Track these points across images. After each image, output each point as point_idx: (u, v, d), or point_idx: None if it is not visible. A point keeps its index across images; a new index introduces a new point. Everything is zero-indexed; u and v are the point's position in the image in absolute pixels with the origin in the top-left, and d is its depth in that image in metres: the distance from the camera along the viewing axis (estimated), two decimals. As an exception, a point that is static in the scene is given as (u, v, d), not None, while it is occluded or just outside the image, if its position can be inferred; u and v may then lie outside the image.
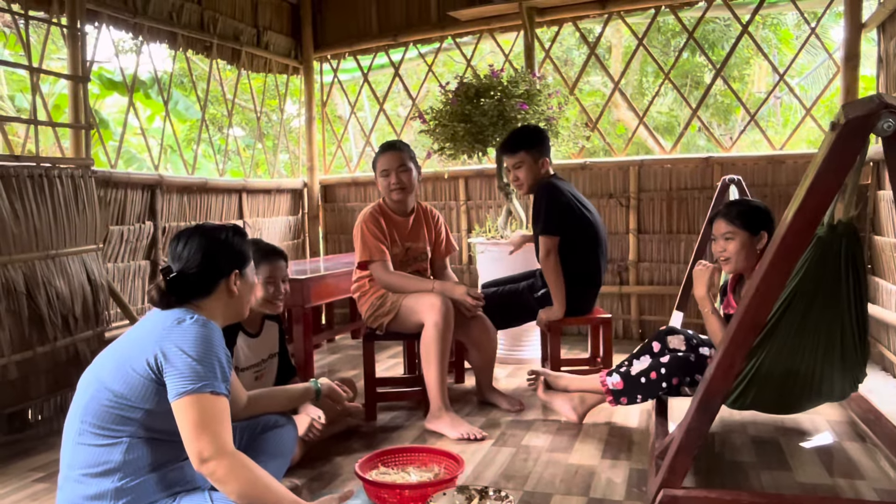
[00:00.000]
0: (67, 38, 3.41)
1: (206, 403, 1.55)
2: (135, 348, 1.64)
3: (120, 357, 1.65)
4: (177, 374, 1.56)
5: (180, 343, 1.59)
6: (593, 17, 4.87)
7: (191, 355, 1.58)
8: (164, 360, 1.58)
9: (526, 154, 3.31)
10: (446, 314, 2.89)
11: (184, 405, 1.55)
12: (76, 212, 3.28)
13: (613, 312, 4.79)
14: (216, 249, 1.81)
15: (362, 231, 3.12)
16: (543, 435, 2.84)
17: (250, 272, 1.90)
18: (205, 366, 1.58)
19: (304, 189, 5.73)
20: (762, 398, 2.16)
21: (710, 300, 2.45)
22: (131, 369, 1.60)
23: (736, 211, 2.49)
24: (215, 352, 1.62)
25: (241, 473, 1.55)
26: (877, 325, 3.79)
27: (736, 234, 2.46)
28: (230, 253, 1.84)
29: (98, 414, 1.61)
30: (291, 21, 5.59)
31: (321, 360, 4.43)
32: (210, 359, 1.60)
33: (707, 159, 4.55)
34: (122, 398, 1.60)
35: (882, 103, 1.34)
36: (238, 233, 1.90)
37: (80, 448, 1.62)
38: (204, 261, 1.78)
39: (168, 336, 1.61)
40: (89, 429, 1.61)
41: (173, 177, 4.36)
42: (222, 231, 1.87)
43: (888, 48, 3.71)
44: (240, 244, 1.88)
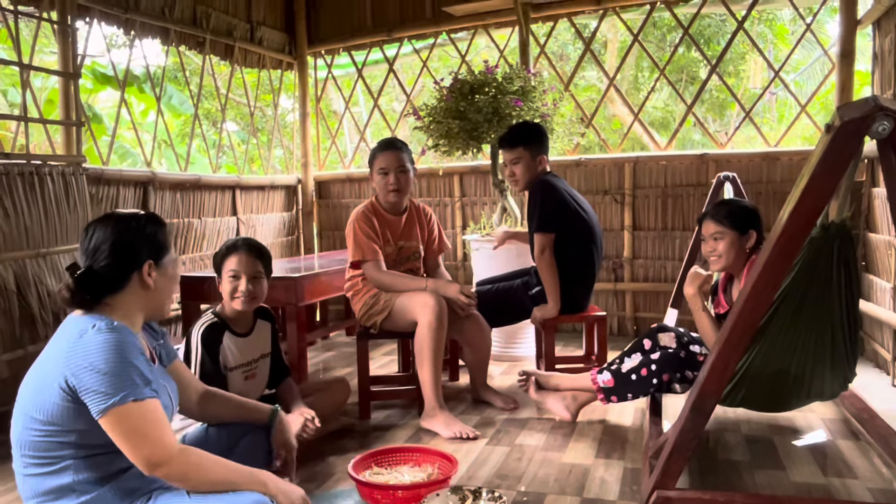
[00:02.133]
0: (58, 33, 3.38)
1: (134, 413, 1.48)
2: (46, 372, 1.55)
3: (35, 383, 1.57)
4: (92, 392, 1.48)
5: (87, 358, 1.49)
6: (588, 13, 4.85)
7: (100, 369, 1.48)
8: (76, 379, 1.49)
9: (524, 150, 3.30)
10: (440, 313, 2.88)
11: (111, 421, 1.48)
12: (67, 209, 3.26)
13: (608, 309, 4.79)
14: (125, 239, 1.66)
15: (354, 230, 3.10)
16: (538, 434, 2.84)
17: (169, 263, 1.74)
18: (118, 376, 1.49)
19: (299, 185, 5.70)
20: (753, 396, 2.17)
21: (700, 298, 2.48)
22: (49, 397, 1.52)
23: (724, 211, 2.51)
24: (126, 357, 1.51)
25: (195, 466, 1.55)
26: (870, 322, 3.79)
27: (724, 234, 2.48)
28: (142, 242, 1.68)
29: (33, 446, 1.55)
30: (285, 16, 5.56)
31: (315, 357, 4.42)
32: (122, 366, 1.50)
33: (702, 156, 4.54)
34: (49, 426, 1.53)
35: (877, 106, 1.33)
36: (152, 221, 1.75)
37: (28, 479, 1.58)
38: (112, 252, 1.63)
39: (73, 353, 1.51)
40: (30, 461, 1.56)
41: (166, 173, 4.33)
42: (132, 219, 1.71)
43: (883, 45, 3.70)
44: (154, 232, 1.72)
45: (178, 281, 1.79)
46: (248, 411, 2.09)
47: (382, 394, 3.24)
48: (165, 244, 1.74)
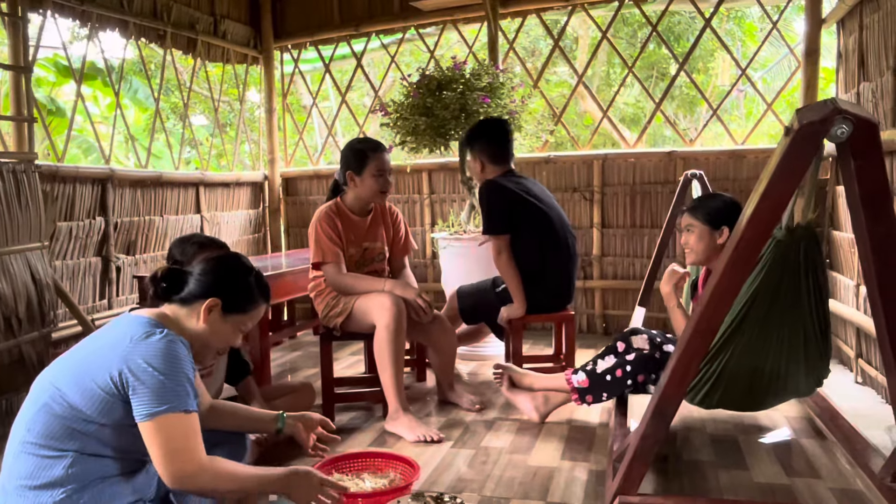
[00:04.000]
0: (8, 25, 3.26)
1: (178, 422, 1.52)
2: (98, 360, 1.56)
3: (81, 366, 1.57)
4: (145, 393, 1.51)
5: (148, 358, 1.53)
6: (557, 9, 4.82)
7: (160, 372, 1.52)
8: (131, 375, 1.51)
9: (470, 151, 3.35)
10: (397, 315, 2.83)
11: (155, 426, 1.51)
12: (18, 208, 3.15)
13: (577, 307, 4.77)
14: (224, 273, 1.74)
15: (317, 231, 3.04)
16: (504, 435, 2.81)
17: (237, 321, 1.76)
18: (174, 382, 1.53)
19: (265, 182, 5.60)
20: (729, 397, 2.17)
21: (675, 295, 2.49)
22: (92, 382, 1.53)
23: (699, 204, 2.52)
24: (183, 368, 1.56)
25: (223, 477, 1.58)
26: (834, 319, 3.82)
27: (694, 227, 2.48)
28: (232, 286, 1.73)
29: (47, 423, 1.54)
30: (250, 10, 5.44)
31: (281, 357, 4.34)
32: (178, 375, 1.54)
33: (670, 154, 4.55)
34: (76, 410, 1.53)
35: (836, 109, 1.31)
36: (260, 283, 1.80)
37: (21, 457, 1.54)
38: (206, 273, 1.72)
39: (135, 350, 1.54)
40: (34, 438, 1.54)
41: (125, 170, 4.21)
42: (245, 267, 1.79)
43: (847, 43, 3.73)
44: (250, 290, 1.76)
45: (235, 339, 1.79)
46: (255, 422, 2.07)
47: (347, 396, 3.18)
48: (250, 305, 1.76)
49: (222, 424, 2.02)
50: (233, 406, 2.08)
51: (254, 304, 1.77)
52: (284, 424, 2.08)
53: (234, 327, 1.76)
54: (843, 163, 1.38)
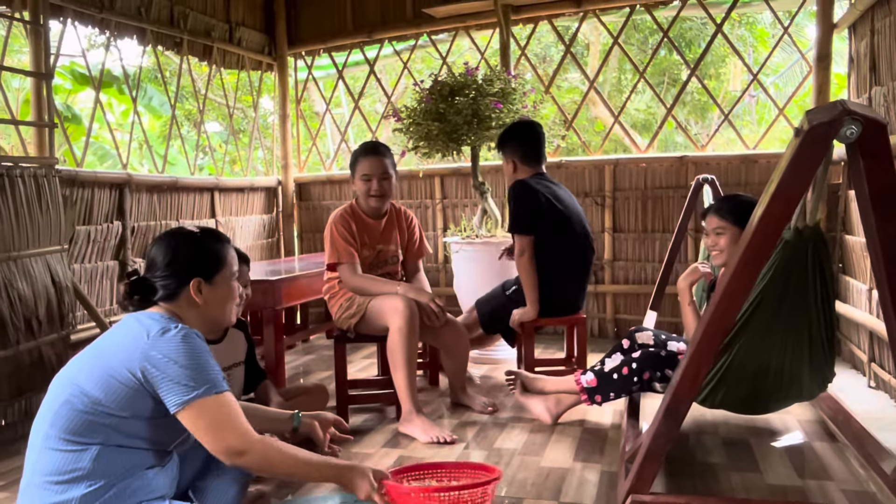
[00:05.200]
0: (30, 33, 3.33)
1: (215, 405, 1.56)
2: (117, 356, 1.60)
3: (100, 363, 1.61)
4: (173, 384, 1.55)
5: (168, 353, 1.57)
6: (569, 16, 4.86)
7: (182, 363, 1.56)
8: (155, 370, 1.56)
9: (501, 153, 3.41)
10: (410, 318, 2.86)
11: (193, 413, 1.55)
12: (39, 212, 3.20)
13: (589, 311, 4.79)
14: (177, 255, 1.75)
15: (332, 232, 3.08)
16: (516, 436, 2.83)
17: (224, 280, 1.80)
18: (199, 370, 1.57)
19: (279, 187, 5.66)
20: (732, 397, 2.18)
21: (689, 293, 2.52)
22: (111, 377, 1.57)
23: (728, 206, 2.50)
24: (205, 357, 1.61)
25: (275, 456, 1.61)
26: (847, 323, 3.82)
27: (727, 230, 2.47)
28: (193, 259, 1.76)
29: (69, 418, 1.57)
30: (265, 17, 5.51)
31: (295, 360, 4.38)
32: (201, 363, 1.59)
33: (681, 158, 4.56)
34: (98, 404, 1.57)
35: (845, 110, 1.33)
36: (209, 237, 1.82)
37: (46, 453, 1.58)
38: (164, 266, 1.74)
39: (154, 346, 1.58)
40: (58, 433, 1.57)
41: (142, 175, 4.28)
42: (189, 236, 1.79)
43: (859, 48, 3.73)
44: (209, 250, 1.79)
45: (234, 296, 1.83)
46: (272, 421, 2.12)
47: (360, 398, 3.21)
48: (220, 260, 1.79)
49: None
50: (250, 406, 2.12)
51: (224, 255, 1.81)
52: (300, 423, 2.12)
53: (226, 286, 1.80)
54: (852, 163, 1.40)
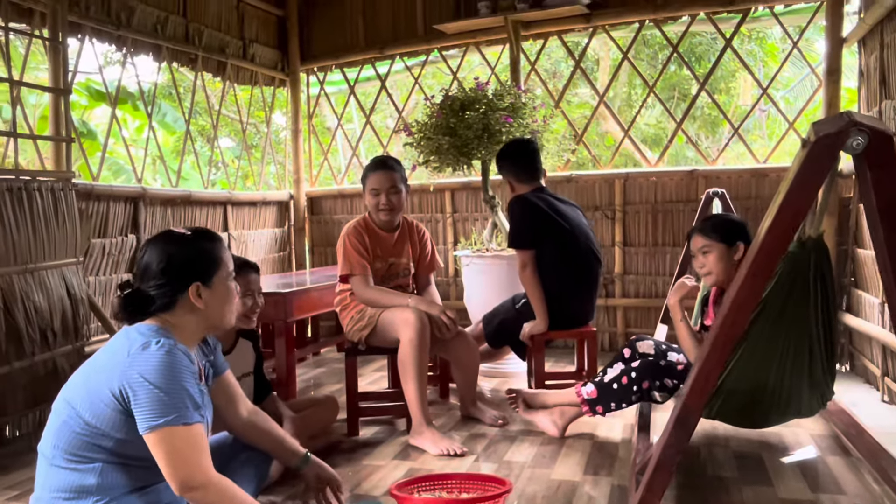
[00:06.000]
0: (49, 50, 3.40)
1: (179, 435, 1.52)
2: (101, 376, 1.59)
3: (89, 384, 1.60)
4: (144, 407, 1.52)
5: (144, 372, 1.53)
6: (578, 31, 4.90)
7: (156, 385, 1.52)
8: (129, 390, 1.53)
9: (501, 171, 3.47)
10: (421, 330, 2.87)
11: (156, 439, 1.52)
12: (56, 225, 3.25)
13: (599, 325, 4.78)
14: (173, 260, 1.67)
15: (345, 244, 3.11)
16: (526, 449, 2.83)
17: (222, 281, 1.73)
18: (172, 396, 1.53)
19: (291, 201, 5.71)
20: (729, 408, 2.19)
21: (680, 308, 2.56)
22: (98, 399, 1.56)
23: (710, 224, 2.56)
24: (181, 381, 1.56)
25: (228, 500, 1.58)
26: (860, 337, 3.80)
27: (712, 247, 2.50)
28: (189, 263, 1.69)
29: (69, 440, 1.58)
30: (278, 33, 5.59)
31: (306, 373, 4.40)
32: (176, 388, 1.54)
33: (692, 172, 4.57)
34: (91, 426, 1.56)
35: (851, 121, 1.34)
36: (202, 237, 1.75)
37: (53, 469, 1.60)
38: (160, 274, 1.66)
39: (132, 364, 1.55)
40: (61, 453, 1.58)
41: (157, 189, 4.34)
42: (182, 238, 1.72)
43: (868, 62, 3.74)
44: (204, 251, 1.72)
45: (233, 297, 1.79)
46: (282, 451, 2.09)
47: (370, 410, 3.22)
48: (217, 261, 1.73)
49: (254, 440, 2.05)
50: (269, 427, 2.07)
51: (219, 255, 1.75)
52: (307, 465, 2.09)
53: (224, 287, 1.75)
54: (859, 174, 1.41)
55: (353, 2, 5.43)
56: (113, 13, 3.97)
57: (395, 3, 5.30)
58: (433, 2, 5.10)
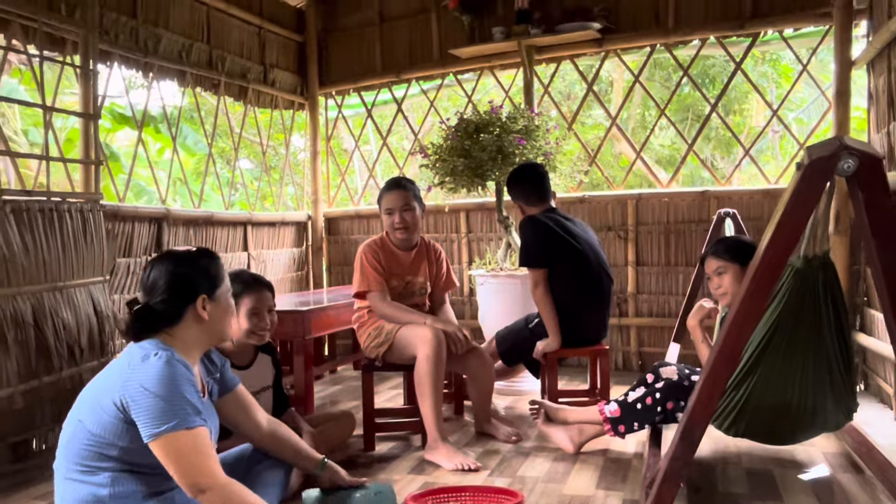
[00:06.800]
0: (80, 77, 3.54)
1: (183, 440, 1.57)
2: (105, 387, 1.65)
3: (94, 396, 1.67)
4: (145, 415, 1.57)
5: (143, 382, 1.59)
6: (590, 55, 4.99)
7: (155, 393, 1.57)
8: (130, 400, 1.58)
9: (511, 195, 3.56)
10: (437, 347, 2.94)
11: (161, 445, 1.57)
12: (84, 244, 3.37)
13: (613, 344, 4.82)
14: (179, 276, 1.78)
15: (362, 262, 3.20)
16: (540, 465, 2.87)
17: (223, 295, 1.85)
18: (171, 403, 1.58)
19: (309, 222, 5.82)
20: (755, 427, 2.22)
21: (700, 330, 2.63)
22: (101, 409, 1.62)
23: (723, 247, 2.63)
24: (180, 388, 1.61)
25: (237, 500, 1.61)
26: (873, 357, 3.81)
27: (727, 268, 2.56)
28: (195, 278, 1.80)
29: (79, 453, 1.63)
30: (298, 59, 5.75)
31: (323, 391, 4.47)
32: (175, 395, 1.59)
33: (704, 193, 4.63)
34: (98, 437, 1.62)
35: (842, 145, 1.41)
36: (205, 255, 1.87)
37: (67, 483, 1.66)
38: (167, 289, 1.76)
39: (132, 375, 1.61)
40: (73, 466, 1.64)
41: (180, 210, 4.46)
42: (185, 256, 1.83)
43: (877, 85, 3.79)
44: (206, 266, 1.84)
45: (233, 310, 1.90)
46: (300, 458, 2.16)
47: (387, 426, 3.28)
48: (218, 276, 1.85)
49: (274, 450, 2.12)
50: (288, 436, 2.15)
51: (220, 271, 1.86)
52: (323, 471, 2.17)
53: (226, 300, 1.86)
54: (852, 195, 1.48)
55: (370, 28, 5.59)
56: (141, 41, 4.13)
57: (411, 28, 5.45)
58: (448, 27, 5.23)
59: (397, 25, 5.50)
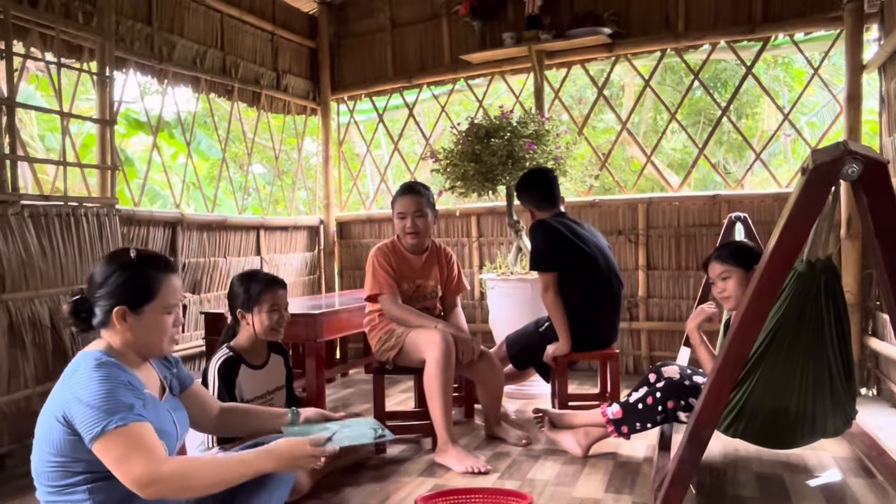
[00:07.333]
0: (96, 83, 3.60)
1: (118, 439, 1.51)
2: (49, 406, 1.62)
3: (44, 419, 1.63)
4: (80, 424, 1.54)
5: (76, 393, 1.56)
6: (601, 60, 5.01)
7: (87, 402, 1.53)
8: (69, 413, 1.56)
9: (520, 200, 3.60)
10: (446, 350, 2.97)
11: (100, 450, 1.53)
12: (100, 248, 3.43)
13: (623, 348, 4.82)
14: (108, 280, 1.67)
15: (373, 265, 3.24)
16: (549, 468, 2.88)
17: (153, 311, 1.70)
18: (103, 405, 1.53)
19: (321, 226, 5.87)
20: (753, 429, 2.23)
21: (699, 333, 2.65)
22: (51, 430, 1.59)
23: (727, 251, 2.65)
24: (110, 388, 1.55)
25: (188, 475, 1.56)
26: (886, 361, 3.79)
27: (731, 272, 2.58)
28: (121, 286, 1.67)
29: (47, 474, 1.62)
30: (310, 65, 5.80)
31: (334, 394, 4.50)
32: (107, 396, 1.54)
33: (714, 197, 4.63)
34: (58, 459, 1.59)
35: (847, 150, 1.43)
36: (148, 264, 1.71)
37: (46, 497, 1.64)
38: (97, 289, 1.68)
39: (67, 389, 1.59)
40: (45, 486, 1.63)
41: (194, 214, 4.51)
42: (127, 261, 1.70)
43: (889, 88, 3.79)
44: (141, 277, 1.69)
45: (163, 329, 1.73)
46: (266, 419, 2.11)
47: (397, 428, 3.30)
48: (152, 290, 1.69)
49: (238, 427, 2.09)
50: (246, 408, 2.14)
51: (158, 286, 1.70)
52: (296, 417, 2.12)
53: (154, 318, 1.70)
54: (857, 200, 1.50)
55: (382, 33, 5.63)
56: (156, 48, 4.19)
57: (422, 34, 5.49)
58: (459, 33, 5.26)
59: (408, 31, 5.55)
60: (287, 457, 1.67)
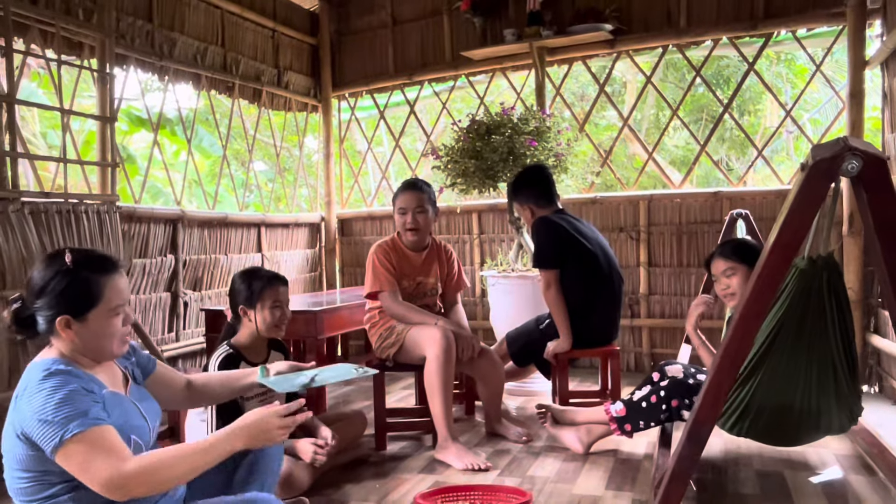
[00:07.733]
0: (97, 80, 3.60)
1: (79, 445, 1.46)
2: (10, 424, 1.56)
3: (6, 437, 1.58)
4: (40, 438, 1.48)
5: (30, 407, 1.51)
6: (602, 56, 5.00)
7: (40, 417, 1.48)
8: (28, 428, 1.50)
9: (514, 202, 3.61)
10: (447, 347, 2.97)
11: (63, 459, 1.48)
12: (101, 245, 3.43)
13: (625, 345, 4.82)
14: (46, 288, 1.57)
15: (373, 262, 3.24)
16: (550, 465, 2.89)
17: (99, 315, 1.59)
18: (56, 416, 1.47)
19: (322, 223, 5.87)
20: (758, 426, 2.22)
21: (697, 334, 2.66)
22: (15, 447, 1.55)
23: (730, 248, 2.63)
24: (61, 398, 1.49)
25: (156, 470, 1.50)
26: (888, 359, 3.79)
27: (736, 269, 2.56)
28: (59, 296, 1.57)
29: (23, 492, 1.57)
30: (311, 61, 5.80)
31: (335, 390, 4.50)
32: (58, 406, 1.48)
33: (716, 194, 4.62)
34: (27, 472, 1.55)
35: (847, 146, 1.42)
36: (88, 267, 1.59)
37: None
38: (36, 297, 1.58)
39: (21, 404, 1.53)
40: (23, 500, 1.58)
41: (194, 211, 4.52)
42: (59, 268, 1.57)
43: (892, 85, 3.77)
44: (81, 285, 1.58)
45: (111, 332, 1.62)
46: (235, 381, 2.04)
47: (398, 425, 3.31)
48: (94, 296, 1.59)
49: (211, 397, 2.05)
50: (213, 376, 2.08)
51: (100, 290, 1.59)
52: (265, 372, 2.04)
53: (101, 322, 1.60)
54: (857, 196, 1.49)
55: (382, 30, 5.63)
56: (156, 45, 4.19)
57: (423, 31, 5.48)
58: (460, 29, 5.25)
59: (409, 28, 5.54)
60: (256, 430, 1.59)
